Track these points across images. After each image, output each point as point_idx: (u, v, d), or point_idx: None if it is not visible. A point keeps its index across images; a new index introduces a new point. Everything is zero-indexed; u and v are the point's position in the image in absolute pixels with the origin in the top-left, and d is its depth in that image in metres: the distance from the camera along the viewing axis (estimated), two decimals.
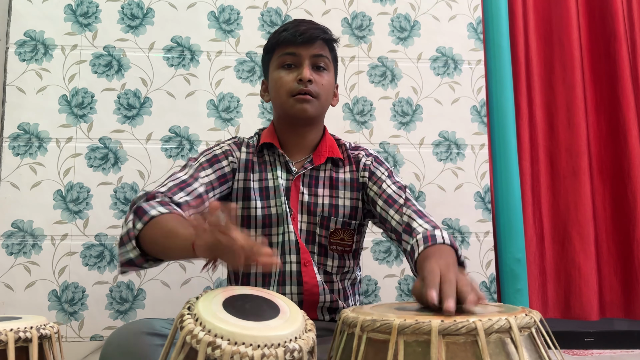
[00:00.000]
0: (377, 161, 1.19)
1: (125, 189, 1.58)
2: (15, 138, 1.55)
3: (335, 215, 1.14)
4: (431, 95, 1.73)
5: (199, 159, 1.13)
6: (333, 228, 1.14)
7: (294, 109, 1.10)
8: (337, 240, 1.15)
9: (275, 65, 1.14)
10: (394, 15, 1.75)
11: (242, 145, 1.18)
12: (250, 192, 1.14)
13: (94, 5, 1.63)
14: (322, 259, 1.14)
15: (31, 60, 1.58)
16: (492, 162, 1.76)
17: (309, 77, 1.09)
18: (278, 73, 1.13)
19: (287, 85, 1.10)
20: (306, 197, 1.14)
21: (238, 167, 1.15)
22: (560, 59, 1.85)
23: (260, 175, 1.15)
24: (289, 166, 1.15)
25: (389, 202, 1.11)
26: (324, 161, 1.16)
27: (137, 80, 1.62)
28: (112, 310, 1.53)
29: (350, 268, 1.19)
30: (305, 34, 1.10)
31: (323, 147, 1.18)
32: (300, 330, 0.65)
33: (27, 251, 1.51)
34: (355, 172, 1.18)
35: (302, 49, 1.11)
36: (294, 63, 1.12)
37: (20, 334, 0.76)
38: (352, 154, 1.20)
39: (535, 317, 0.69)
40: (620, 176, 1.81)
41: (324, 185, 1.16)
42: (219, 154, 1.15)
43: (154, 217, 0.91)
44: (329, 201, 1.15)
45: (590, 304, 1.72)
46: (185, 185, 1.05)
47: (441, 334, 0.63)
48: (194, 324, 0.62)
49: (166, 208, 0.94)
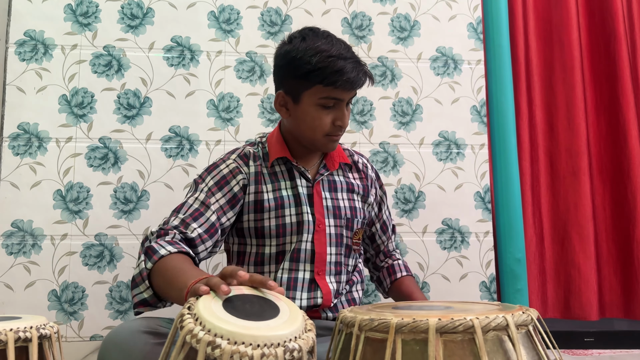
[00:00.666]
0: (377, 176, 1.32)
1: (125, 189, 1.58)
2: (15, 138, 1.55)
3: (356, 217, 1.20)
4: (431, 95, 1.73)
5: (207, 182, 1.11)
6: (356, 229, 1.20)
7: (325, 147, 1.14)
8: (357, 240, 1.22)
9: (314, 102, 1.08)
10: (394, 15, 1.75)
11: (250, 158, 1.17)
12: (262, 203, 1.13)
13: (93, 5, 1.63)
14: (347, 259, 1.19)
15: (31, 60, 1.58)
16: (492, 162, 1.76)
17: (347, 125, 1.12)
18: (317, 112, 1.08)
19: (325, 127, 1.10)
20: (330, 202, 1.17)
21: (249, 182, 1.14)
22: (560, 59, 1.85)
23: (273, 186, 1.15)
24: (306, 175, 1.17)
25: (383, 228, 1.32)
26: (337, 167, 1.21)
27: (137, 80, 1.62)
28: (112, 310, 1.53)
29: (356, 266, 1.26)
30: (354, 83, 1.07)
31: (334, 154, 1.21)
32: (300, 330, 0.65)
33: (27, 251, 1.51)
34: (364, 179, 1.25)
35: (346, 95, 1.09)
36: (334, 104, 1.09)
37: (20, 334, 0.75)
38: (354, 160, 1.27)
39: (532, 315, 0.70)
40: (620, 176, 1.81)
41: (342, 189, 1.20)
42: (226, 175, 1.13)
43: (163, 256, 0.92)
44: (349, 204, 1.20)
45: (589, 304, 1.72)
46: (199, 215, 1.06)
47: (438, 332, 0.63)
48: (193, 324, 0.61)
49: (174, 247, 0.95)
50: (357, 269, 1.26)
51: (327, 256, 1.14)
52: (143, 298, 0.94)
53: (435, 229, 1.68)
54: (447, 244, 1.68)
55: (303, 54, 1.06)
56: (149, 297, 0.93)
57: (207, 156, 1.62)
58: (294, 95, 1.10)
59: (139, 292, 0.94)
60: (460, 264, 1.67)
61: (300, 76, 1.07)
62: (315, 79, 1.05)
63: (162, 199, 1.58)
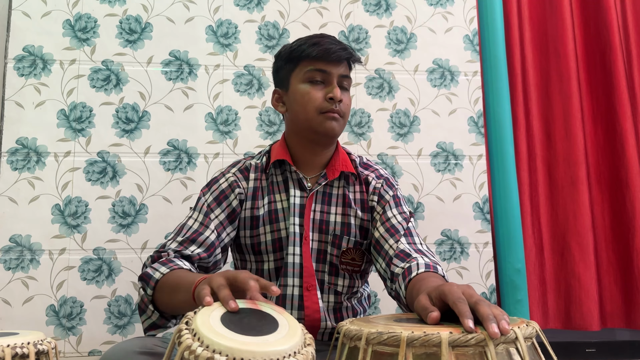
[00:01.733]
0: (388, 184, 1.16)
1: (124, 203, 1.57)
2: (13, 153, 1.55)
3: (348, 235, 1.12)
4: (428, 107, 1.74)
5: (206, 198, 1.11)
6: (345, 247, 1.12)
7: (322, 126, 1.08)
8: (348, 260, 1.13)
9: (301, 79, 1.09)
10: (391, 28, 1.77)
11: (250, 171, 1.15)
12: (258, 219, 1.12)
13: (92, 20, 1.64)
14: (332, 278, 1.12)
15: (30, 75, 1.59)
16: (490, 172, 1.76)
17: (340, 97, 1.07)
18: (305, 87, 1.09)
19: (317, 102, 1.07)
20: (318, 215, 1.12)
21: (245, 197, 1.13)
22: (556, 70, 1.86)
23: (268, 199, 1.13)
24: (303, 183, 1.13)
25: (390, 231, 1.09)
26: (337, 176, 1.13)
27: (135, 94, 1.63)
28: (111, 325, 1.52)
29: (358, 288, 1.17)
30: (337, 53, 1.08)
31: (336, 161, 1.15)
32: (299, 345, 0.65)
33: (25, 266, 1.50)
34: (365, 193, 1.15)
35: (332, 67, 1.08)
36: (322, 80, 1.09)
37: (17, 350, 0.75)
38: (362, 173, 1.17)
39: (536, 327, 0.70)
40: (618, 185, 1.81)
41: (336, 203, 1.14)
42: (225, 189, 1.12)
43: (158, 281, 0.95)
44: (341, 219, 1.13)
45: (590, 314, 1.71)
46: (197, 235, 1.06)
47: (451, 346, 0.63)
48: (191, 339, 0.61)
49: (167, 267, 0.96)
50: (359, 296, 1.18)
51: (314, 271, 1.10)
52: (152, 322, 0.98)
53: (435, 240, 1.68)
54: (446, 255, 1.67)
55: (287, 46, 1.13)
56: (157, 320, 0.97)
57: (205, 169, 1.62)
58: (284, 84, 1.14)
59: (147, 318, 0.98)
60: (460, 275, 1.67)
61: (286, 61, 1.12)
62: (296, 56, 1.10)
63: (160, 212, 1.57)
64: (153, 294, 0.95)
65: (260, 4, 1.72)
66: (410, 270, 0.97)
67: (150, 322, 0.98)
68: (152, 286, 0.95)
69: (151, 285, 0.95)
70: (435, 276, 0.93)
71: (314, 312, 1.08)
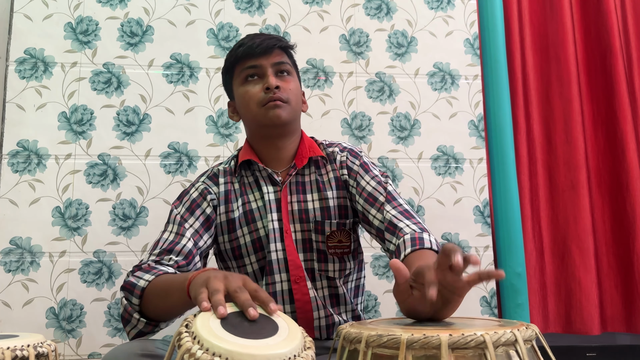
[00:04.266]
0: (352, 154, 1.16)
1: (124, 205, 1.58)
2: (14, 155, 1.55)
3: (329, 218, 1.12)
4: (429, 110, 1.74)
5: (179, 211, 1.11)
6: (329, 231, 1.11)
7: (267, 117, 1.08)
8: (335, 243, 1.12)
9: (239, 82, 1.12)
10: (391, 32, 1.77)
11: (219, 176, 1.15)
12: (234, 222, 1.11)
13: (93, 23, 1.65)
14: (322, 265, 1.12)
15: (31, 77, 1.59)
16: (491, 176, 1.76)
17: (275, 83, 1.07)
18: (244, 88, 1.11)
19: (256, 97, 1.09)
20: (295, 205, 1.11)
21: (218, 202, 1.13)
22: (557, 74, 1.86)
23: (242, 200, 1.13)
24: (274, 178, 1.12)
25: (369, 200, 1.09)
26: (306, 162, 1.13)
27: (136, 96, 1.63)
28: (111, 327, 1.52)
29: (352, 269, 1.16)
30: (262, 45, 1.09)
31: (303, 149, 1.15)
32: (299, 348, 0.65)
33: (25, 268, 1.50)
34: (337, 170, 1.15)
35: (262, 60, 1.09)
36: (257, 74, 1.10)
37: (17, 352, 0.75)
38: (328, 152, 1.18)
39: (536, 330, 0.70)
40: (618, 189, 1.81)
41: (311, 190, 1.13)
42: (196, 198, 1.12)
43: (144, 289, 0.94)
44: (319, 205, 1.12)
45: (591, 318, 1.71)
46: (173, 245, 1.04)
47: (450, 348, 0.63)
48: (191, 343, 0.61)
49: (151, 274, 0.96)
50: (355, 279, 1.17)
51: (301, 262, 1.10)
52: (138, 331, 0.96)
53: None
54: None
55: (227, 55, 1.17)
56: (144, 328, 0.96)
57: None
58: (231, 94, 1.17)
59: (132, 327, 0.96)
60: None
61: (225, 73, 1.17)
62: (230, 64, 1.14)
63: (161, 215, 1.57)
64: (140, 302, 0.94)
65: (262, 8, 1.73)
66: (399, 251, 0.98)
67: (136, 331, 0.96)
68: (138, 295, 0.94)
69: (136, 294, 0.94)
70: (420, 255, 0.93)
71: (305, 304, 1.09)
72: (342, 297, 1.14)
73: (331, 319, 1.11)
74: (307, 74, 1.72)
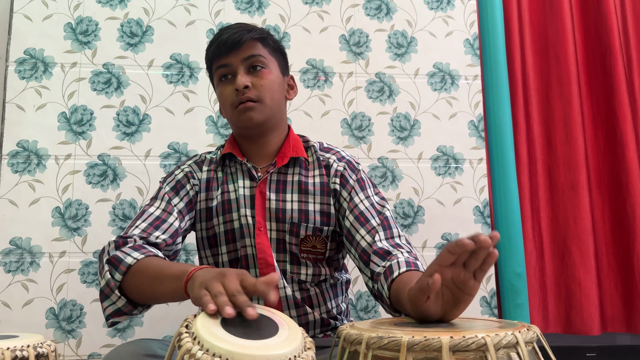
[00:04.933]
0: (350, 167, 1.12)
1: (124, 206, 1.57)
2: (14, 155, 1.55)
3: (306, 222, 1.07)
4: (429, 111, 1.74)
5: (165, 189, 1.10)
6: (303, 235, 1.07)
7: (239, 120, 1.07)
8: (309, 248, 1.08)
9: (216, 82, 1.11)
10: (391, 32, 1.77)
11: (204, 163, 1.15)
12: (211, 210, 1.10)
13: (93, 24, 1.65)
14: (295, 267, 1.08)
15: (31, 78, 1.59)
16: (491, 176, 1.76)
17: (242, 84, 1.04)
18: (219, 89, 1.11)
19: (229, 99, 1.07)
20: (274, 204, 1.08)
21: (200, 188, 1.12)
22: (556, 74, 1.86)
23: (222, 189, 1.11)
24: (252, 173, 1.10)
25: (360, 220, 1.04)
26: (286, 162, 1.10)
27: (136, 97, 1.63)
28: (110, 328, 1.52)
29: (327, 276, 1.11)
30: (228, 41, 1.05)
31: (287, 147, 1.12)
32: (299, 348, 0.65)
33: (25, 269, 1.50)
34: (325, 176, 1.11)
35: (231, 57, 1.06)
36: (229, 73, 1.08)
37: (17, 353, 0.75)
38: (321, 156, 1.13)
39: (537, 332, 0.70)
40: (618, 189, 1.81)
41: (292, 190, 1.09)
42: (181, 179, 1.11)
43: (131, 266, 0.90)
44: (297, 207, 1.08)
45: (591, 318, 1.71)
46: (160, 222, 1.03)
47: (451, 351, 0.63)
48: (191, 343, 0.61)
49: (141, 252, 0.93)
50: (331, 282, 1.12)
51: (274, 261, 1.06)
52: (117, 308, 0.92)
53: (435, 243, 1.68)
54: None
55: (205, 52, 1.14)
56: (123, 307, 0.92)
57: None
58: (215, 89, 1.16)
59: (111, 304, 0.92)
60: None
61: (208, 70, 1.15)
62: (208, 62, 1.12)
63: None
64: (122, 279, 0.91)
65: (261, 8, 1.73)
66: (391, 270, 0.93)
67: (114, 308, 0.92)
68: (123, 271, 0.90)
69: (121, 270, 0.90)
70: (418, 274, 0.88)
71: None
72: (315, 297, 1.11)
73: (304, 318, 1.08)
74: (307, 74, 1.72)
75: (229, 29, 1.08)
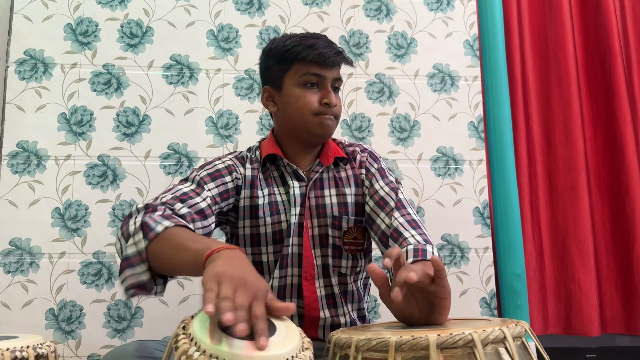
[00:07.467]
0: (372, 157, 1.21)
1: (124, 207, 1.58)
2: (14, 156, 1.55)
3: (346, 214, 1.13)
4: (429, 112, 1.74)
5: (200, 173, 1.09)
6: (346, 227, 1.13)
7: (320, 128, 1.10)
8: (351, 240, 1.14)
9: (296, 82, 1.11)
10: (391, 33, 1.77)
11: (246, 161, 1.16)
12: (258, 209, 1.11)
13: (93, 24, 1.65)
14: (336, 260, 1.13)
15: (31, 78, 1.59)
16: (490, 177, 1.76)
17: (334, 103, 1.11)
18: (301, 92, 1.10)
19: (313, 106, 1.10)
20: (313, 201, 1.13)
21: (243, 184, 1.12)
22: (556, 75, 1.86)
23: (268, 190, 1.13)
24: (299, 174, 1.14)
25: (380, 204, 1.11)
26: (332, 162, 1.16)
27: (136, 98, 1.63)
28: (110, 328, 1.52)
29: (362, 267, 1.18)
30: (331, 59, 1.10)
31: (328, 149, 1.18)
32: (297, 349, 0.65)
33: (24, 269, 1.51)
34: (356, 168, 1.18)
35: (327, 72, 1.11)
36: (317, 84, 1.11)
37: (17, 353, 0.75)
38: (349, 151, 1.21)
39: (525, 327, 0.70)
40: (618, 191, 1.81)
41: (329, 185, 1.15)
42: (221, 169, 1.11)
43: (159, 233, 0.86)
44: (337, 200, 1.14)
45: (591, 319, 1.71)
46: (187, 198, 1.00)
47: (439, 348, 0.63)
48: (189, 344, 0.61)
49: (171, 221, 0.88)
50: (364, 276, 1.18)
51: (314, 259, 1.11)
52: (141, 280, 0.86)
53: (435, 244, 1.67)
54: (446, 260, 1.67)
55: (279, 43, 1.14)
56: (148, 280, 0.86)
57: None
58: (277, 84, 1.14)
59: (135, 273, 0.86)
60: (460, 280, 1.66)
61: (278, 61, 1.13)
62: (291, 57, 1.10)
63: None
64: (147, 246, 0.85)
65: (261, 9, 1.73)
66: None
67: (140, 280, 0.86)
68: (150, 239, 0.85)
69: (149, 238, 0.85)
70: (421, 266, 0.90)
71: (313, 302, 1.10)
72: (352, 294, 1.15)
73: (336, 320, 1.12)
74: None
75: (330, 46, 1.11)
